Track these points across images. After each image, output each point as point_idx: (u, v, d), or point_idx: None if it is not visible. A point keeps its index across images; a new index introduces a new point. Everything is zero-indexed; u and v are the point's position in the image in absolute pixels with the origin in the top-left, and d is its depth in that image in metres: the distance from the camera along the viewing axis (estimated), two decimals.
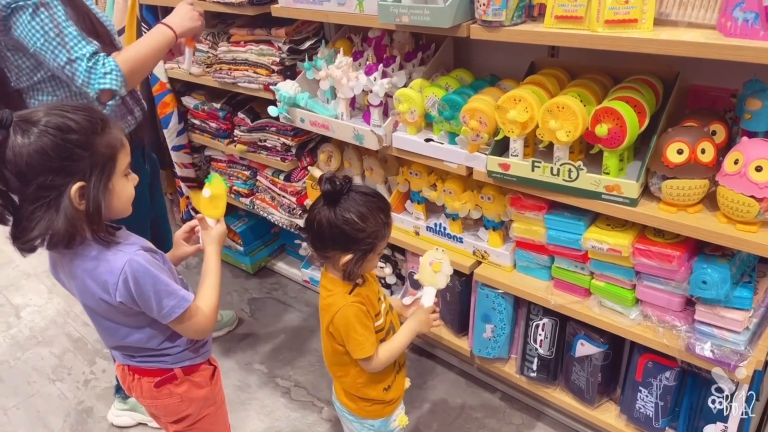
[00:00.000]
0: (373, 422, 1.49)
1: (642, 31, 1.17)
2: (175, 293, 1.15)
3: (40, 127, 1.00)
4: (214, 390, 1.39)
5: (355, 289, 1.34)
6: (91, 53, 1.39)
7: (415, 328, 1.43)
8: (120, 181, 1.11)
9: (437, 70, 1.85)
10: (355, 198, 1.26)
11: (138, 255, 1.11)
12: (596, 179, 1.35)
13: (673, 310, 1.39)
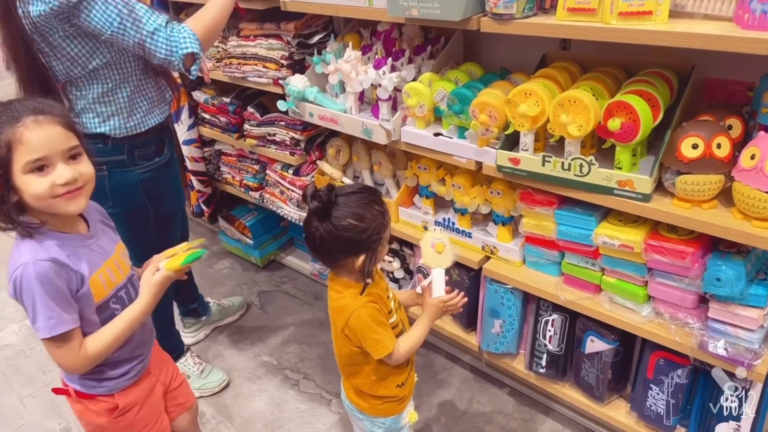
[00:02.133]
0: (385, 420, 1.47)
1: (656, 23, 1.14)
2: (49, 317, 1.10)
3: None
4: (116, 424, 1.32)
5: (366, 288, 1.32)
6: (166, 21, 1.44)
7: (430, 317, 1.42)
8: (21, 178, 1.07)
9: (447, 64, 1.83)
10: (345, 202, 1.25)
11: (36, 264, 1.09)
12: (608, 174, 1.33)
13: (686, 308, 1.37)
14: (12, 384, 2.26)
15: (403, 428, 1.52)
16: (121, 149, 1.63)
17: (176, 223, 1.92)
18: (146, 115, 1.65)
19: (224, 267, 2.91)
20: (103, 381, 1.27)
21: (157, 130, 1.70)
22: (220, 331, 2.45)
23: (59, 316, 1.11)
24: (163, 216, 1.79)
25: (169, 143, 1.78)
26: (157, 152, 1.72)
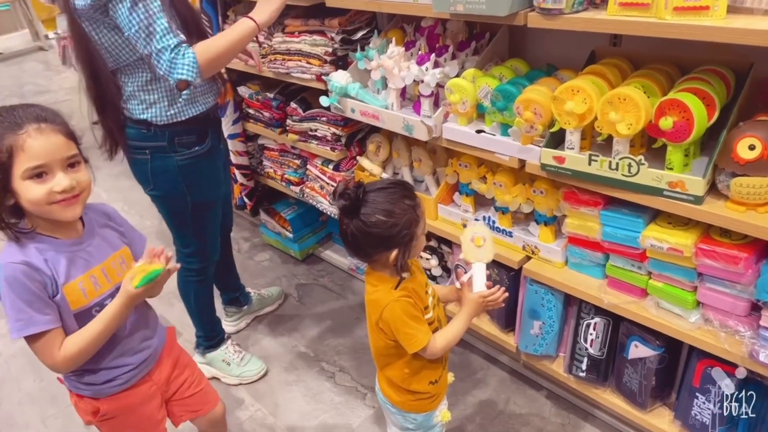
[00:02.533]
0: (416, 416, 1.47)
1: (714, 18, 1.10)
2: (17, 319, 1.11)
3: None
4: (102, 427, 1.35)
5: (401, 283, 1.32)
6: (175, 44, 1.48)
7: (470, 312, 1.39)
8: (19, 184, 1.10)
9: (491, 60, 1.81)
10: (374, 198, 1.25)
11: (9, 266, 1.11)
12: (658, 175, 1.29)
13: (737, 315, 1.32)
14: None
15: (434, 426, 1.51)
16: (162, 136, 1.69)
17: (214, 213, 1.96)
18: (187, 105, 1.70)
19: (264, 259, 2.95)
20: (87, 385, 1.28)
21: (199, 120, 1.74)
22: (259, 321, 2.50)
23: (29, 318, 1.11)
24: (201, 204, 1.84)
25: (212, 134, 1.82)
26: (198, 141, 1.77)
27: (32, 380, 2.29)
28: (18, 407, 2.18)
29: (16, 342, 2.48)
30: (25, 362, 2.38)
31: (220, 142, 1.91)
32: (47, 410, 2.15)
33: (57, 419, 2.11)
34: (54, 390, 2.23)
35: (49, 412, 2.14)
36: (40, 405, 2.18)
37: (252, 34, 1.63)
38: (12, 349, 2.47)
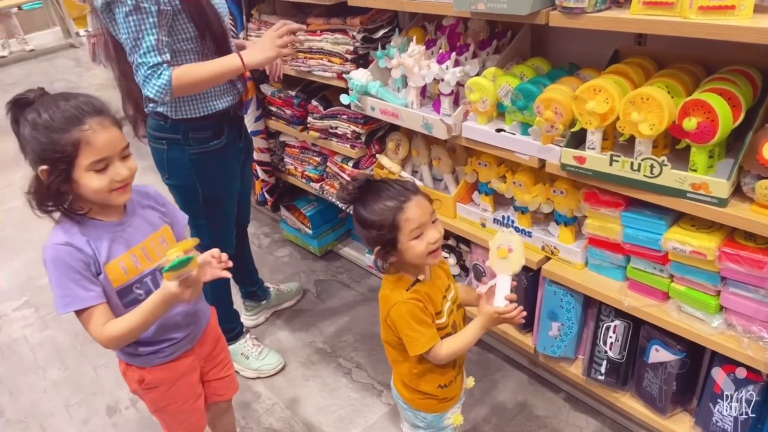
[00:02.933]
0: (426, 415, 1.46)
1: (740, 18, 1.07)
2: (62, 295, 1.18)
3: (29, 116, 1.15)
4: (145, 394, 1.42)
5: (415, 285, 1.31)
6: (153, 64, 1.56)
7: (482, 324, 1.33)
8: (83, 175, 1.16)
9: (512, 59, 1.80)
10: (367, 194, 1.27)
11: (52, 247, 1.18)
12: (681, 176, 1.26)
13: (761, 320, 1.29)
14: (87, 354, 2.41)
15: (445, 428, 1.50)
16: (177, 129, 1.75)
17: (228, 208, 2.00)
18: (199, 104, 1.75)
19: (284, 255, 2.98)
20: (135, 355, 1.35)
21: (215, 117, 1.79)
22: (278, 315, 2.52)
23: (74, 294, 1.18)
24: (212, 199, 1.88)
25: (229, 131, 1.86)
26: (213, 137, 1.81)
27: (57, 369, 2.35)
28: (43, 395, 2.23)
29: (42, 331, 2.56)
30: (51, 351, 2.45)
31: (239, 140, 1.94)
32: (71, 398, 2.20)
33: (80, 407, 2.16)
34: (78, 379, 2.29)
35: (72, 401, 2.19)
36: (65, 393, 2.23)
37: (235, 73, 1.71)
38: (38, 338, 2.54)
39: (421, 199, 1.27)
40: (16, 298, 2.83)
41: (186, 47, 1.67)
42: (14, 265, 3.12)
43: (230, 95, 1.82)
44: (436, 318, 1.33)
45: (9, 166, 4.23)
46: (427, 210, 1.28)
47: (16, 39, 7.71)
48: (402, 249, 1.27)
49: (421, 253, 1.26)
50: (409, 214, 1.24)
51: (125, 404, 2.15)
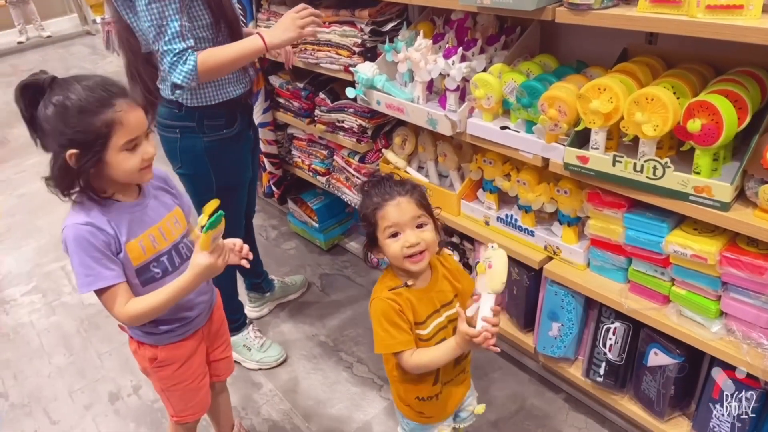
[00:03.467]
0: (408, 421, 1.43)
1: (747, 18, 1.05)
2: (86, 274, 1.19)
3: (52, 97, 1.15)
4: (156, 372, 1.43)
5: (400, 288, 1.28)
6: (180, 50, 1.56)
7: (456, 343, 1.23)
8: (116, 155, 1.18)
9: (520, 55, 1.78)
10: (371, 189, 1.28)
11: (74, 227, 1.18)
12: (684, 179, 1.24)
13: (761, 327, 1.27)
14: (92, 340, 2.44)
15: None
16: (192, 117, 1.75)
17: (239, 198, 2.01)
18: (217, 90, 1.75)
19: (290, 248, 2.99)
20: (147, 334, 1.37)
21: (229, 104, 1.79)
22: (281, 308, 2.53)
23: (97, 273, 1.19)
24: (225, 187, 1.87)
25: (241, 119, 1.87)
26: (226, 125, 1.81)
27: (62, 355, 2.39)
28: (47, 380, 2.27)
29: (49, 317, 2.59)
30: (56, 337, 2.48)
31: (249, 128, 1.95)
32: (75, 384, 2.23)
33: (83, 393, 2.19)
34: (82, 365, 2.32)
35: (76, 386, 2.22)
36: (69, 379, 2.26)
37: (258, 53, 1.70)
38: (45, 324, 2.57)
39: (405, 201, 1.23)
40: (24, 283, 2.87)
41: (201, 35, 1.66)
42: (24, 250, 3.16)
43: (243, 82, 1.83)
44: (416, 328, 1.29)
45: (21, 152, 4.28)
46: (409, 213, 1.23)
47: (34, 25, 7.80)
48: (381, 246, 1.27)
49: (395, 253, 1.23)
50: (385, 212, 1.23)
51: (127, 391, 2.17)
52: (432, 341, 1.30)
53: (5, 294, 2.80)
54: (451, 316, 1.33)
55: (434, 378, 1.35)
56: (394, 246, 1.23)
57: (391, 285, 1.29)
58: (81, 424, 2.06)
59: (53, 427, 2.06)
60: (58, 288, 2.80)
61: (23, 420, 2.09)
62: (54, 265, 2.98)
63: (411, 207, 1.24)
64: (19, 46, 7.55)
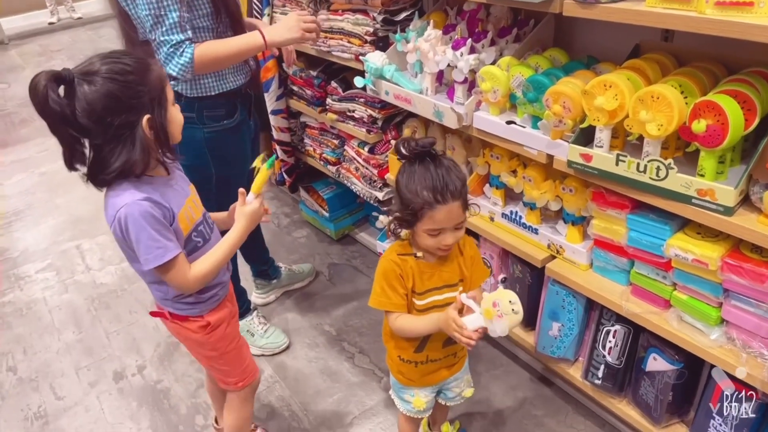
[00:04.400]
0: (392, 378, 1.54)
1: (757, 16, 1.00)
2: (156, 247, 1.21)
3: (103, 75, 1.11)
4: (209, 339, 1.47)
5: (407, 256, 1.33)
6: (176, 42, 1.55)
7: (437, 320, 1.29)
8: (172, 109, 1.23)
9: (532, 49, 1.74)
10: (420, 167, 1.24)
11: (138, 204, 1.19)
12: (688, 181, 1.20)
13: (762, 337, 1.23)
14: (101, 319, 2.49)
15: (406, 402, 1.53)
16: (191, 107, 1.74)
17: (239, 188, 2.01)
18: (217, 81, 1.74)
19: (301, 236, 3.00)
20: (195, 304, 1.40)
21: (229, 95, 1.78)
22: (288, 295, 2.54)
23: (165, 246, 1.22)
24: (225, 178, 1.87)
25: (241, 110, 1.86)
26: (226, 116, 1.81)
27: (72, 332, 2.44)
28: (56, 356, 2.32)
29: (61, 294, 2.65)
30: (67, 314, 2.54)
31: (249, 118, 1.94)
32: (82, 361, 2.28)
33: (90, 370, 2.24)
34: (90, 343, 2.37)
35: (83, 363, 2.27)
36: (76, 356, 2.31)
37: (257, 50, 1.70)
38: (57, 301, 2.63)
39: (455, 207, 1.23)
40: (39, 260, 2.94)
41: (202, 24, 1.66)
42: (41, 228, 3.23)
43: (243, 72, 1.82)
44: (414, 297, 1.35)
45: (45, 131, 4.36)
46: (455, 219, 1.25)
47: (65, 6, 7.92)
48: (415, 231, 1.30)
49: (429, 246, 1.30)
50: (434, 215, 1.23)
51: (132, 371, 2.21)
52: (424, 314, 1.37)
53: (21, 270, 2.87)
54: (451, 299, 1.36)
55: (417, 345, 1.42)
56: (430, 241, 1.27)
57: (402, 251, 1.34)
58: (85, 400, 2.10)
59: (58, 402, 2.11)
60: (72, 266, 2.86)
61: (30, 394, 2.15)
62: (69, 244, 3.05)
63: (459, 212, 1.25)
64: (50, 27, 7.68)
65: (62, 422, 2.02)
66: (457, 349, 1.48)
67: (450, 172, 1.23)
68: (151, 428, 1.97)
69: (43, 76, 1.09)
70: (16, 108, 4.96)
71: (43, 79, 1.09)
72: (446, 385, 1.56)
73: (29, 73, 5.91)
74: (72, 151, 1.16)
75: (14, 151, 4.15)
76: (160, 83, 1.20)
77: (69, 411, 2.06)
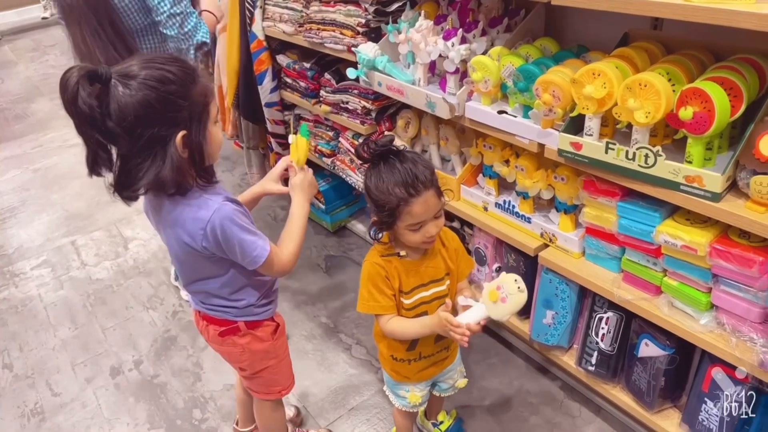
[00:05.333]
0: (387, 375, 1.54)
1: (743, 3, 1.01)
2: (256, 242, 1.20)
3: (140, 80, 1.02)
4: (275, 345, 1.47)
5: (391, 256, 1.33)
6: (196, 12, 1.69)
7: (431, 323, 1.30)
8: (212, 128, 1.15)
9: (523, 38, 1.74)
10: (386, 166, 1.25)
11: (225, 205, 1.16)
12: (675, 168, 1.21)
13: (752, 321, 1.24)
14: (97, 315, 2.50)
15: (401, 398, 1.55)
16: None
17: None
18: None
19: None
20: (268, 305, 1.41)
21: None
22: (283, 288, 2.55)
23: (262, 240, 1.22)
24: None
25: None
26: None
27: (67, 328, 2.44)
28: (51, 353, 2.33)
29: (56, 291, 2.66)
30: (63, 311, 2.54)
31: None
32: (78, 357, 2.29)
33: (86, 366, 2.24)
34: (86, 339, 2.38)
35: (79, 359, 2.28)
36: (72, 352, 2.32)
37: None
38: (52, 297, 2.64)
39: (430, 197, 1.24)
40: (34, 257, 2.94)
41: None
42: (36, 224, 3.23)
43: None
44: (401, 296, 1.35)
45: (39, 127, 4.36)
46: (433, 208, 1.26)
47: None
48: (397, 232, 1.30)
49: (415, 242, 1.29)
50: (412, 210, 1.23)
51: (129, 366, 2.22)
52: (413, 312, 1.37)
53: (16, 267, 2.87)
54: (438, 293, 1.37)
55: (409, 344, 1.43)
56: (415, 237, 1.27)
57: (384, 252, 1.34)
58: (81, 396, 2.11)
59: (54, 398, 2.11)
60: (68, 262, 2.86)
61: (26, 391, 2.15)
62: (64, 240, 3.04)
63: (434, 200, 1.26)
64: (43, 22, 7.61)
65: (59, 418, 2.03)
66: (449, 343, 1.49)
67: (416, 164, 1.24)
68: (149, 423, 1.98)
69: (75, 71, 0.99)
70: (9, 104, 4.94)
71: (75, 74, 0.99)
72: (440, 378, 1.58)
73: (22, 69, 5.89)
74: (95, 156, 1.06)
75: (8, 147, 4.13)
76: (203, 98, 1.11)
77: (65, 407, 2.07)
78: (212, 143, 1.16)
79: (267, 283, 1.38)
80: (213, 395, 2.06)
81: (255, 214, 1.43)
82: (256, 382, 1.53)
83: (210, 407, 2.01)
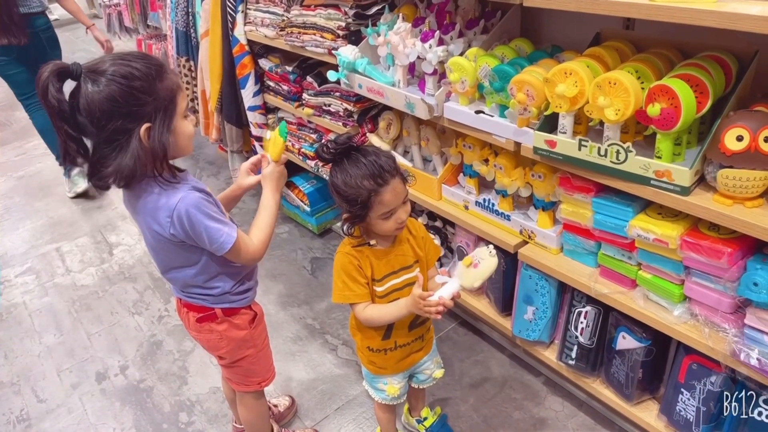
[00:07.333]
0: (365, 369, 1.56)
1: (707, 2, 1.04)
2: (221, 230, 1.23)
3: (108, 76, 1.08)
4: (253, 334, 1.49)
5: (362, 246, 1.37)
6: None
7: (405, 304, 1.33)
8: (181, 122, 1.19)
9: (499, 40, 1.77)
10: (350, 162, 1.28)
11: (191, 193, 1.19)
12: (645, 163, 1.24)
13: (723, 311, 1.27)
14: (82, 321, 2.49)
15: (380, 391, 1.58)
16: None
17: None
18: None
19: (283, 231, 3.01)
20: (243, 293, 1.42)
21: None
22: (269, 291, 2.56)
23: (228, 228, 1.24)
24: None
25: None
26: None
27: (53, 335, 2.44)
28: (37, 359, 2.32)
29: (41, 297, 2.65)
30: (48, 317, 2.53)
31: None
32: (63, 364, 2.28)
33: (72, 372, 2.24)
34: (72, 345, 2.37)
35: (64, 366, 2.27)
36: (58, 358, 2.31)
37: None
38: (37, 304, 2.62)
39: (397, 183, 1.28)
40: (19, 264, 2.93)
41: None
42: (20, 231, 3.21)
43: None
44: (374, 284, 1.38)
45: (23, 135, 4.33)
46: (402, 193, 1.30)
47: None
48: (369, 222, 1.33)
49: (387, 229, 1.33)
50: (383, 199, 1.27)
51: (114, 371, 2.22)
52: (386, 299, 1.41)
53: (0, 275, 2.85)
54: (409, 280, 1.42)
55: (384, 333, 1.46)
56: (387, 224, 1.31)
57: (355, 242, 1.38)
58: (67, 402, 2.11)
59: (40, 405, 2.11)
60: (52, 269, 2.85)
61: (11, 398, 2.15)
62: (49, 247, 3.03)
63: (401, 187, 1.31)
64: None
65: (45, 425, 2.02)
66: (423, 332, 1.52)
67: (378, 155, 1.28)
68: (135, 427, 1.98)
69: (49, 67, 1.07)
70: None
71: (47, 71, 1.06)
72: (417, 369, 1.60)
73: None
74: (66, 147, 1.13)
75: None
76: (170, 93, 1.15)
77: (52, 413, 2.06)
78: (181, 136, 1.20)
79: (242, 272, 1.40)
80: (199, 398, 2.06)
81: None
82: (235, 371, 1.56)
83: (196, 410, 2.02)
